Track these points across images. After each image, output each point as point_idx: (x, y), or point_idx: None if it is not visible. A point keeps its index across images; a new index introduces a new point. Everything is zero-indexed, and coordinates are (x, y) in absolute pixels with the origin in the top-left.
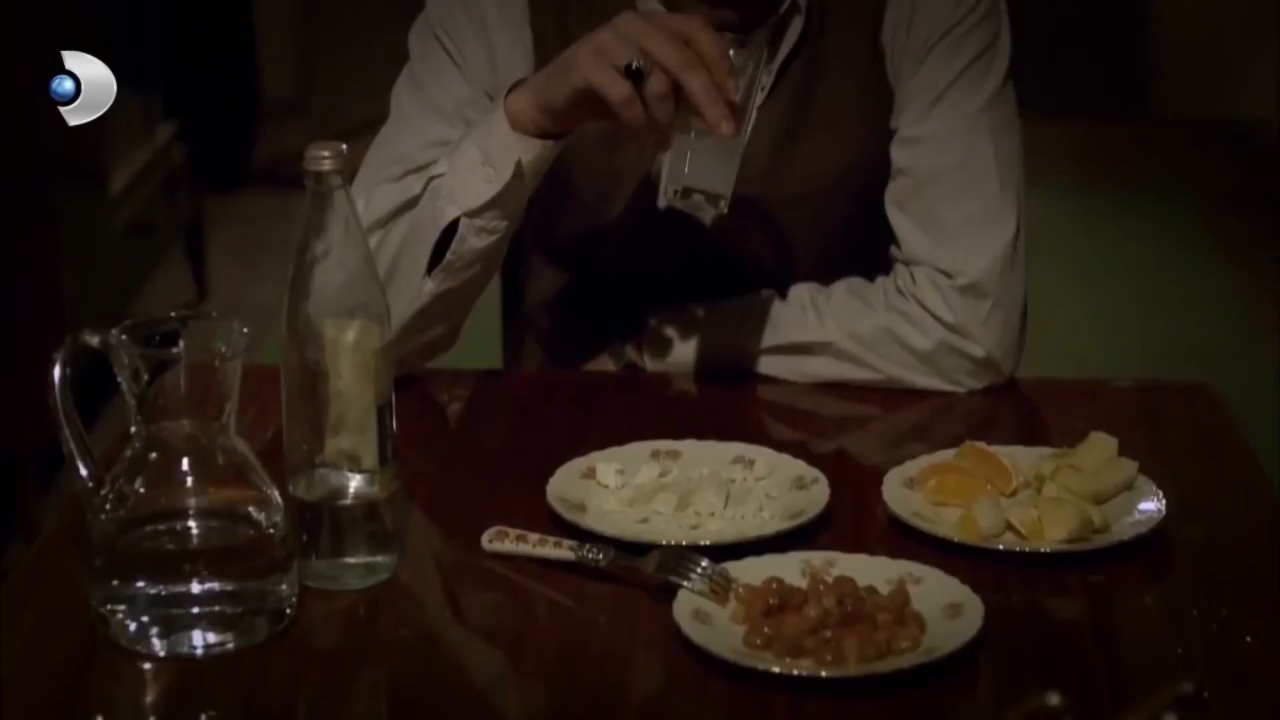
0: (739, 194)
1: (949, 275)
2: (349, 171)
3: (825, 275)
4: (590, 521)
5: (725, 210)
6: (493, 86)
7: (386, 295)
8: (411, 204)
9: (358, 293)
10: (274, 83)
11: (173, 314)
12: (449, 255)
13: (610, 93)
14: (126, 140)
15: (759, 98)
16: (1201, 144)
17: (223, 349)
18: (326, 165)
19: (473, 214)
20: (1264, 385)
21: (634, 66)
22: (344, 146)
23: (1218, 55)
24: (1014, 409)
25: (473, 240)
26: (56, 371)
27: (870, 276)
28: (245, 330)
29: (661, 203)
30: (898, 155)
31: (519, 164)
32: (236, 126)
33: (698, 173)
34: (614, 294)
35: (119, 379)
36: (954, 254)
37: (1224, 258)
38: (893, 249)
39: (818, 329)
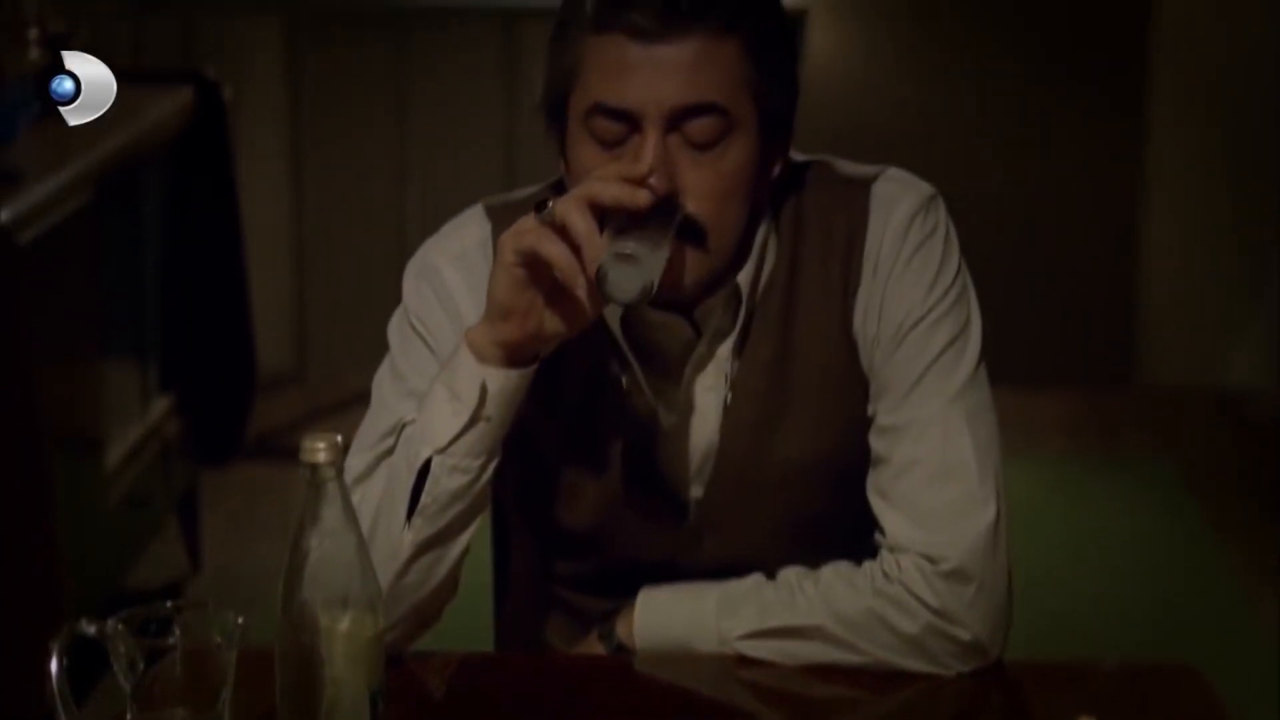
0: (719, 479)
1: (933, 561)
2: (343, 462)
3: (809, 558)
4: None
5: (654, 280)
6: None
7: (371, 554)
8: (387, 454)
9: (352, 581)
10: (269, 354)
11: (169, 603)
12: (424, 498)
13: (528, 241)
14: (123, 413)
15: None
16: (1190, 413)
17: (218, 639)
18: (321, 457)
19: (443, 450)
20: (1257, 662)
21: (543, 210)
22: (339, 438)
23: (1204, 324)
24: (1001, 692)
25: (446, 481)
26: (54, 664)
27: (854, 557)
28: (240, 620)
29: (603, 301)
30: (876, 443)
31: (484, 391)
32: (232, 399)
33: (626, 245)
34: (600, 576)
35: (114, 668)
36: (937, 540)
37: (1214, 531)
38: (877, 535)
39: (806, 613)
